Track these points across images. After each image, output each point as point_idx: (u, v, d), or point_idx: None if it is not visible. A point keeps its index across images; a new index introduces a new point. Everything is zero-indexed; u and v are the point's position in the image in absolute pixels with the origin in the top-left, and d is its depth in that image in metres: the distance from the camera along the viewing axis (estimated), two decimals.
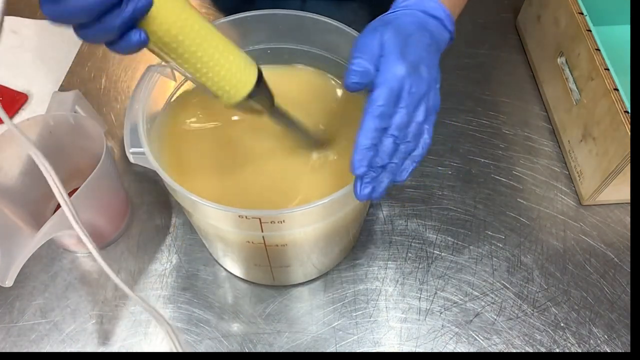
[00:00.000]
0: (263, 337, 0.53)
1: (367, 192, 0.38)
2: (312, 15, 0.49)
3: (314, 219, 0.44)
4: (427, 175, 0.64)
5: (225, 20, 0.49)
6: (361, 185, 0.38)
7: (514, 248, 0.59)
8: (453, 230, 0.60)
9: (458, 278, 0.57)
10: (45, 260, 0.58)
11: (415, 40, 0.40)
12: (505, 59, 0.76)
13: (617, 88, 0.55)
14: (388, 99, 0.37)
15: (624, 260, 0.59)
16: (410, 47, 0.39)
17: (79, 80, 0.72)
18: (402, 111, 0.38)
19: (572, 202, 0.63)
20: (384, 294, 0.56)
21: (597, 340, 0.54)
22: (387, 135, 0.38)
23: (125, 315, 0.54)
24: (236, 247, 0.50)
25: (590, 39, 0.59)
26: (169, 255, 0.58)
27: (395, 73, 0.38)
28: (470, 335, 0.54)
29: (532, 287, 0.57)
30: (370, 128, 0.37)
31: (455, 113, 0.70)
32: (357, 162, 0.37)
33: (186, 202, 0.45)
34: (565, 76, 0.64)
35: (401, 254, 0.59)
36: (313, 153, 0.50)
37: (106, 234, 0.58)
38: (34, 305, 0.55)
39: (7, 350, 0.53)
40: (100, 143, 0.52)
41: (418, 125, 0.39)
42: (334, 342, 0.53)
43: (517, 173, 0.65)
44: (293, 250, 0.49)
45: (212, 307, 0.55)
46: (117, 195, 0.57)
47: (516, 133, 0.68)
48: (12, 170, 0.53)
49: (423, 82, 0.39)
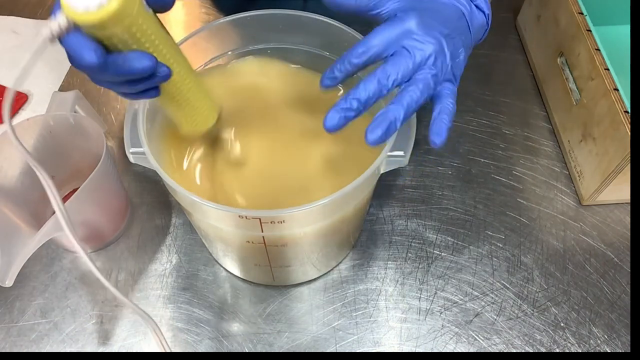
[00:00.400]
0: (263, 337, 0.53)
1: (335, 122, 0.37)
2: (313, 15, 0.49)
3: (314, 219, 0.44)
4: (427, 175, 0.64)
5: (225, 20, 0.49)
6: (333, 112, 0.37)
7: (514, 248, 0.59)
8: (453, 230, 0.60)
9: (458, 278, 0.57)
10: (45, 260, 0.58)
11: (445, 19, 0.40)
12: (505, 59, 0.76)
13: (617, 88, 0.55)
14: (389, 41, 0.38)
15: (624, 260, 0.59)
16: (437, 22, 0.39)
17: (79, 80, 0.72)
18: (406, 53, 0.38)
19: (572, 202, 0.63)
20: (384, 294, 0.56)
21: (597, 340, 0.54)
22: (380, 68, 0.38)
23: (125, 315, 0.54)
24: (236, 247, 0.50)
25: (590, 39, 0.59)
26: (169, 255, 0.58)
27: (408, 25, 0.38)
28: (470, 335, 0.54)
29: (532, 287, 0.57)
30: (357, 52, 0.38)
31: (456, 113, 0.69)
32: (326, 77, 0.39)
33: (186, 202, 0.45)
34: (565, 76, 0.64)
35: (401, 254, 0.59)
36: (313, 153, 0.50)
37: (106, 234, 0.58)
38: (34, 305, 0.55)
39: (7, 350, 0.53)
40: (100, 143, 0.52)
41: (424, 77, 0.38)
42: (334, 342, 0.53)
43: (517, 173, 0.65)
44: (293, 250, 0.49)
45: (212, 307, 0.55)
46: (117, 195, 0.57)
47: (516, 133, 0.68)
48: (12, 170, 0.53)
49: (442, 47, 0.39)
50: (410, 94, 0.38)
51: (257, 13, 0.50)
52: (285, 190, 0.48)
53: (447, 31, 0.39)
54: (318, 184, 0.48)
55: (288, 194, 0.48)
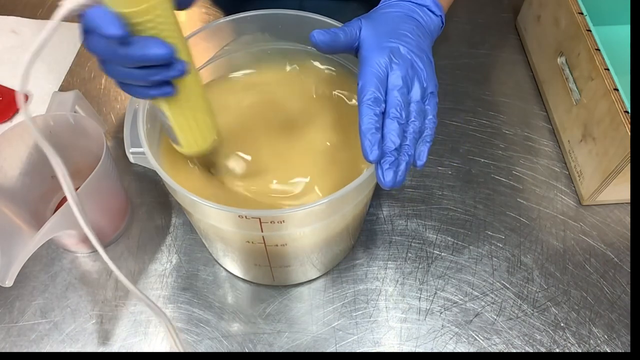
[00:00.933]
0: (263, 337, 0.53)
1: (391, 178, 0.38)
2: (313, 15, 0.49)
3: (314, 219, 0.44)
4: (427, 175, 0.64)
5: (225, 20, 0.49)
6: (383, 172, 0.38)
7: (514, 248, 0.59)
8: (453, 230, 0.60)
9: (458, 278, 0.57)
10: (45, 260, 0.58)
11: (396, 28, 0.42)
12: (505, 59, 0.76)
13: (617, 88, 0.55)
14: (376, 85, 0.39)
15: (624, 260, 0.59)
16: (389, 36, 0.41)
17: (79, 80, 0.72)
18: (394, 92, 0.39)
19: (572, 202, 0.63)
20: (384, 294, 0.56)
21: (597, 340, 0.54)
22: (389, 117, 0.39)
23: (125, 315, 0.54)
24: (236, 247, 0.50)
25: (590, 39, 0.59)
26: (169, 255, 0.58)
27: (378, 60, 0.40)
28: (470, 335, 0.54)
29: (532, 287, 0.57)
30: (368, 113, 0.38)
31: (455, 113, 0.70)
32: (368, 147, 0.38)
33: (186, 202, 0.45)
34: (565, 76, 0.64)
35: (401, 254, 0.59)
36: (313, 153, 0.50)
37: (106, 234, 0.58)
38: (34, 305, 0.55)
39: (7, 350, 0.53)
40: (100, 143, 0.52)
41: (418, 104, 0.40)
42: (334, 342, 0.53)
43: (517, 173, 0.65)
44: (293, 250, 0.49)
45: (212, 307, 0.55)
46: (117, 195, 0.57)
47: (516, 133, 0.68)
48: (12, 170, 0.53)
49: (407, 63, 0.40)
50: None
51: (257, 13, 0.50)
52: (285, 190, 0.48)
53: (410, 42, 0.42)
54: (318, 183, 0.48)
55: (288, 194, 0.48)
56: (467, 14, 0.81)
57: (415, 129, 0.40)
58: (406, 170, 0.39)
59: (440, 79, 0.43)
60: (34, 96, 0.70)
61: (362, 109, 0.39)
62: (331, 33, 0.41)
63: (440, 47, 0.76)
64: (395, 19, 0.43)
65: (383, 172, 0.38)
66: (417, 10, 0.45)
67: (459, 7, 0.81)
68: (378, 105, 0.39)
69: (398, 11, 0.44)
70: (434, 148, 0.66)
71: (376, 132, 0.38)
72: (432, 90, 0.42)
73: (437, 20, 0.46)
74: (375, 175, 0.39)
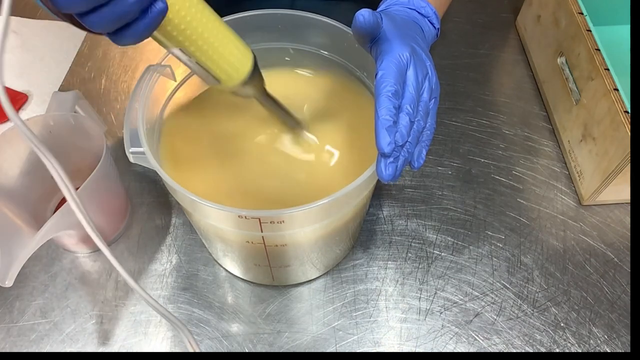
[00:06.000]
0: (263, 337, 0.53)
1: (391, 172, 0.38)
2: (313, 15, 0.49)
3: (313, 219, 0.44)
4: (427, 175, 0.64)
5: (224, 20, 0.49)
6: (385, 166, 0.38)
7: (514, 248, 0.59)
8: (453, 230, 0.60)
9: (458, 278, 0.57)
10: (45, 260, 0.58)
11: (409, 29, 0.43)
12: (505, 59, 0.76)
13: (617, 88, 0.55)
14: (397, 78, 0.39)
15: (624, 260, 0.59)
16: (407, 33, 0.41)
17: (79, 80, 0.72)
18: (411, 88, 0.39)
19: (572, 202, 0.63)
20: (384, 294, 0.56)
21: (597, 340, 0.54)
22: (403, 112, 0.39)
23: (125, 315, 0.54)
24: (236, 247, 0.50)
25: (590, 39, 0.59)
26: (169, 255, 0.58)
27: (401, 52, 0.39)
28: (470, 335, 0.54)
29: (532, 287, 0.57)
30: (388, 106, 0.38)
31: (455, 113, 0.70)
32: (384, 140, 0.37)
33: (186, 202, 0.45)
34: (565, 76, 0.64)
35: (401, 254, 0.59)
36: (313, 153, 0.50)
37: (106, 234, 0.58)
38: (34, 305, 0.55)
39: (7, 350, 0.53)
40: (100, 143, 0.52)
41: (425, 103, 0.41)
42: (334, 342, 0.53)
43: (517, 173, 0.65)
44: (293, 250, 0.49)
45: (212, 307, 0.55)
46: (117, 195, 0.57)
47: (516, 133, 0.68)
48: (12, 170, 0.53)
49: (423, 64, 0.41)
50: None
51: (257, 13, 0.50)
52: (285, 190, 0.48)
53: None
54: (318, 184, 0.48)
55: (288, 194, 0.48)
56: (467, 14, 0.81)
57: (419, 129, 0.40)
58: (403, 167, 0.40)
59: (441, 79, 0.43)
60: (33, 96, 0.70)
61: (381, 100, 0.38)
62: (377, 15, 0.39)
63: (440, 47, 0.76)
64: (405, 22, 0.44)
65: (385, 166, 0.38)
66: (420, 19, 0.45)
67: (459, 7, 0.81)
68: (397, 98, 0.38)
69: (405, 16, 0.45)
70: (434, 148, 0.66)
71: (393, 126, 0.38)
72: (436, 95, 0.42)
73: (434, 32, 0.47)
74: (375, 174, 0.39)
